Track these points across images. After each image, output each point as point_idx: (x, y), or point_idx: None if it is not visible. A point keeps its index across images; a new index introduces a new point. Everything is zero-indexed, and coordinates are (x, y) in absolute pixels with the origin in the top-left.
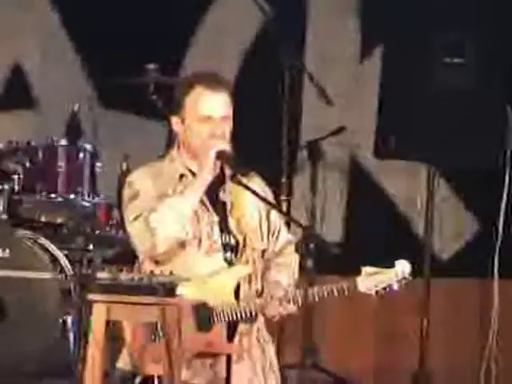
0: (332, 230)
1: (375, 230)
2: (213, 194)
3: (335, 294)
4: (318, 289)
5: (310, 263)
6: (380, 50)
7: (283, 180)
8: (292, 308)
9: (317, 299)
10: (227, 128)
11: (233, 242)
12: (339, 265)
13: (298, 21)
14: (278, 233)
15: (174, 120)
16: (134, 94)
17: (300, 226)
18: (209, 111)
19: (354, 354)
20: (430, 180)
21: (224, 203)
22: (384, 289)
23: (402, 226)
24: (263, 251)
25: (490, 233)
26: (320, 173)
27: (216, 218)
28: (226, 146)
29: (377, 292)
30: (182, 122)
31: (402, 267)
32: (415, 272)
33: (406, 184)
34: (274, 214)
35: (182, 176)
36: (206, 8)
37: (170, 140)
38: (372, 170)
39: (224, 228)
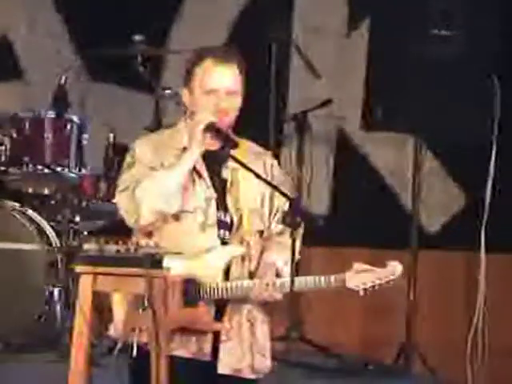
0: (319, 203)
1: (362, 202)
2: (216, 170)
3: (322, 285)
4: (305, 279)
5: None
6: (367, 22)
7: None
8: (277, 295)
9: (304, 289)
10: (234, 102)
11: (228, 219)
12: (326, 237)
13: None
14: (282, 211)
15: (184, 91)
16: (120, 65)
17: (287, 197)
18: (214, 84)
19: (341, 327)
20: (417, 152)
21: (225, 180)
22: (372, 287)
23: (389, 199)
24: (261, 232)
25: (476, 205)
26: (307, 145)
27: (214, 195)
28: (215, 118)
29: (365, 290)
30: (191, 93)
31: (394, 268)
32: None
33: (392, 156)
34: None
35: (185, 148)
36: None
37: (158, 112)
38: (359, 142)
39: (221, 205)
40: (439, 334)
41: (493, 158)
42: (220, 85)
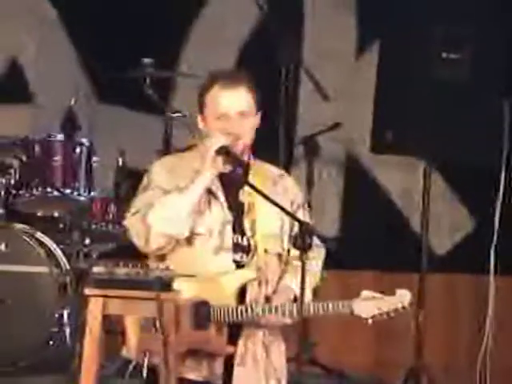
0: (328, 226)
1: (371, 225)
2: (233, 193)
3: (330, 312)
4: (313, 305)
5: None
6: (377, 45)
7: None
8: (286, 320)
9: (312, 315)
10: (246, 125)
11: (245, 243)
12: (335, 260)
13: (296, 16)
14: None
15: (199, 118)
16: (130, 88)
17: (297, 221)
18: (224, 109)
19: (351, 349)
20: (427, 175)
21: (242, 203)
22: (380, 315)
23: (399, 221)
24: (279, 255)
25: (486, 229)
26: (316, 168)
27: (230, 218)
28: (226, 141)
29: (373, 317)
30: (204, 120)
31: (402, 297)
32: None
33: (402, 179)
34: (300, 216)
35: (198, 171)
36: (204, 2)
37: (167, 134)
38: (368, 165)
39: (237, 228)
40: (448, 357)
41: (502, 180)
42: (229, 109)
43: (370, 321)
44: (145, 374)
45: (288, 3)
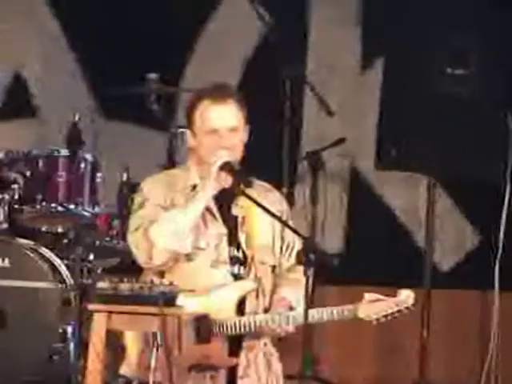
0: (332, 241)
1: (376, 240)
2: (225, 207)
3: (335, 317)
4: (317, 311)
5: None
6: (381, 61)
7: (284, 190)
8: (289, 328)
9: (316, 320)
10: (236, 139)
11: (240, 255)
12: (339, 276)
13: (299, 31)
14: (292, 249)
15: (188, 134)
16: (134, 103)
17: (300, 236)
18: (215, 124)
19: (354, 365)
20: (431, 191)
21: (235, 217)
22: (385, 317)
23: (403, 237)
24: (273, 267)
25: (490, 244)
26: (320, 183)
27: (225, 231)
28: (230, 157)
29: (377, 319)
30: (194, 135)
31: (405, 297)
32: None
33: (406, 195)
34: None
35: (194, 187)
36: (207, 17)
37: (171, 150)
38: (372, 180)
39: (233, 241)
40: (452, 373)
41: (507, 196)
42: (219, 124)
43: (374, 322)
44: None
45: (292, 17)
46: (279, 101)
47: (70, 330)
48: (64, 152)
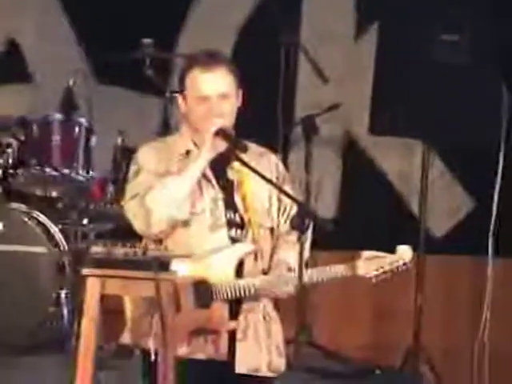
0: (326, 207)
1: (369, 206)
2: (221, 171)
3: (333, 275)
4: (316, 271)
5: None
6: (376, 27)
7: (278, 156)
8: (288, 289)
9: (315, 280)
10: (228, 106)
11: (238, 219)
12: (334, 241)
13: None
14: (290, 210)
15: (180, 99)
16: (129, 68)
17: (295, 201)
18: (205, 91)
19: (348, 331)
20: (425, 157)
21: (231, 181)
22: (384, 273)
23: (397, 203)
24: (271, 229)
25: (484, 210)
26: (314, 149)
27: (221, 195)
28: (224, 123)
29: (376, 276)
30: (185, 101)
31: (403, 253)
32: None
33: (400, 161)
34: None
35: (188, 152)
36: None
37: (166, 115)
38: (367, 146)
39: (229, 205)
40: (446, 338)
41: (501, 162)
42: (210, 91)
43: (373, 279)
44: (153, 357)
45: None
46: (273, 68)
47: (63, 294)
48: (58, 116)
